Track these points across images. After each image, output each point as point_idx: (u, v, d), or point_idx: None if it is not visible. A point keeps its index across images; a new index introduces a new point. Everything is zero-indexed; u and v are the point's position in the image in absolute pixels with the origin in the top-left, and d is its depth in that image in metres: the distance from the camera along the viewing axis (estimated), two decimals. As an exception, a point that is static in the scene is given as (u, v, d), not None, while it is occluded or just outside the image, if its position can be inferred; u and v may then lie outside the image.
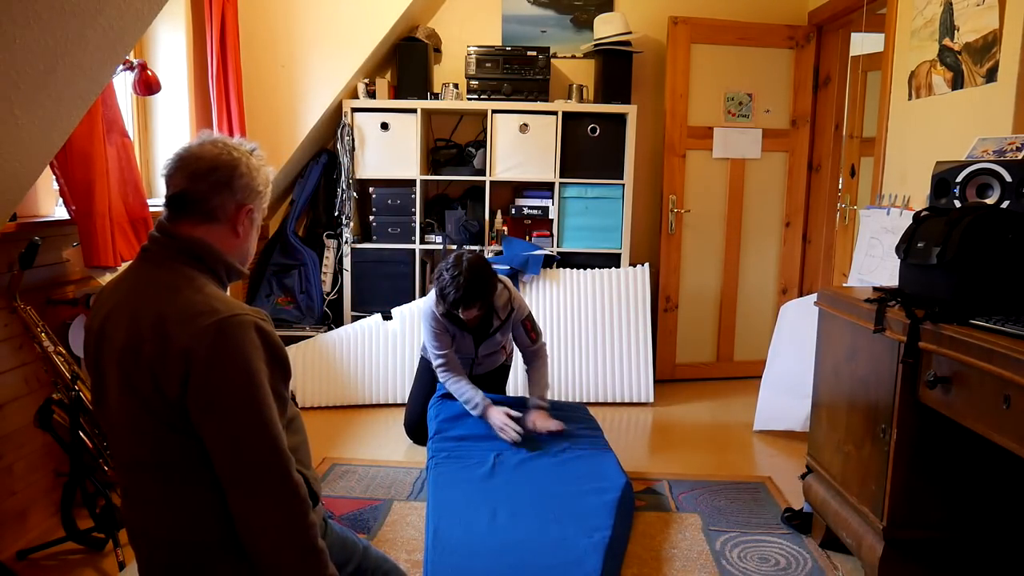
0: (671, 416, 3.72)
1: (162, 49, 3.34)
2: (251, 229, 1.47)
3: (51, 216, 2.42)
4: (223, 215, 1.40)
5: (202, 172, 1.38)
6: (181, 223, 1.37)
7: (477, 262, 2.70)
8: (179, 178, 1.39)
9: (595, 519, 2.23)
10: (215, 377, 1.23)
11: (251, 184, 1.42)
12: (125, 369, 1.28)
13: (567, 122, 3.94)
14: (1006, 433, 1.54)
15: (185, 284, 1.32)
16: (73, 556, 2.25)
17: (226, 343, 1.24)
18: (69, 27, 1.57)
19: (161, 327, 1.25)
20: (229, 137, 1.46)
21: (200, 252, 1.36)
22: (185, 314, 1.26)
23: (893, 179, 3.12)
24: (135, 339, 1.26)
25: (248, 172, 1.42)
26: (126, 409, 1.30)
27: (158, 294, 1.30)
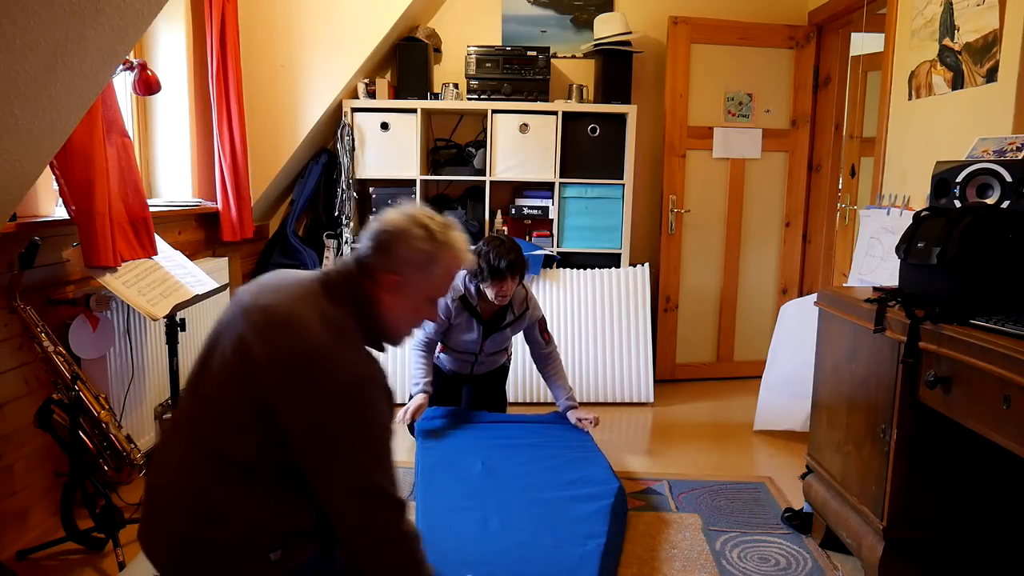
0: (671, 416, 3.72)
1: (162, 49, 3.34)
2: (399, 301, 1.46)
3: (51, 216, 2.42)
4: (376, 275, 1.44)
5: (375, 231, 1.47)
6: (362, 275, 1.46)
7: (515, 240, 2.83)
8: (366, 234, 1.49)
9: (588, 526, 2.21)
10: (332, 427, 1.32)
11: (408, 256, 1.44)
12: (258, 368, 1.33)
13: (567, 122, 3.94)
14: (1006, 433, 1.54)
15: (341, 330, 1.39)
16: (73, 556, 2.25)
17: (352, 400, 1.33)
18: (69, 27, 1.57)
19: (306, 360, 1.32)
20: (431, 211, 1.50)
21: (362, 305, 1.44)
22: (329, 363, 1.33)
23: (893, 179, 3.12)
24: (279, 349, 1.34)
25: (410, 242, 1.44)
26: (231, 399, 1.36)
27: (314, 324, 1.37)
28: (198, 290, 2.66)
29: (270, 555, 1.37)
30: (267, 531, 1.37)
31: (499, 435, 2.83)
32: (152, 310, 2.40)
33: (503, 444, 2.76)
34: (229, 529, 1.35)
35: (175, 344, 2.59)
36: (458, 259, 1.50)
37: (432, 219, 1.48)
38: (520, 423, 2.97)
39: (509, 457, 2.66)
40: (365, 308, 1.44)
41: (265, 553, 1.37)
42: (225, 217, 3.49)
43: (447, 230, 1.48)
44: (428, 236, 1.45)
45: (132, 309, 2.61)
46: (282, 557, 1.39)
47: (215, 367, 1.41)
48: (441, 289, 1.51)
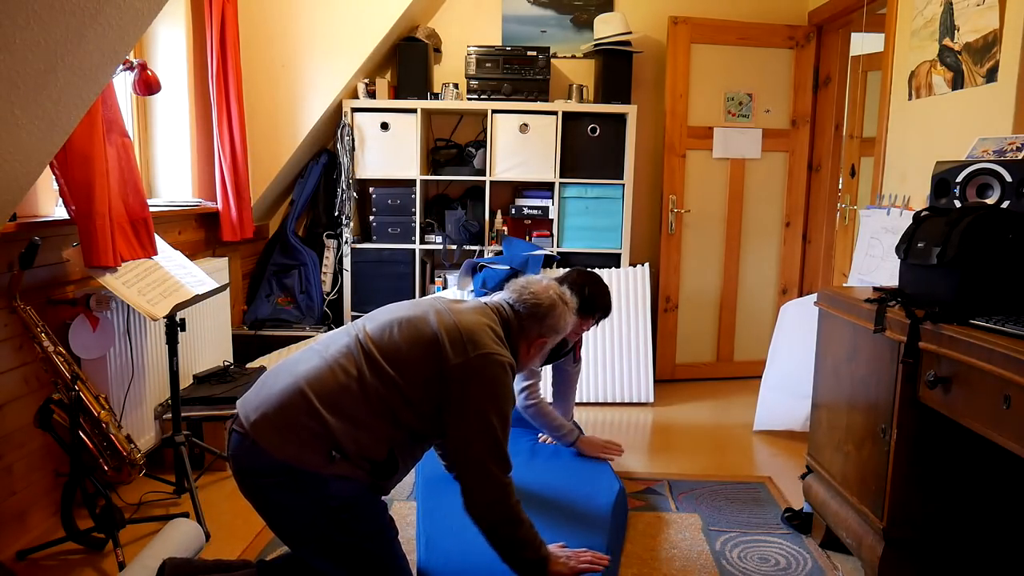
0: (671, 416, 3.72)
1: (162, 49, 3.34)
2: (537, 355, 2.06)
3: (51, 216, 2.42)
4: (529, 334, 2.00)
5: (529, 303, 1.99)
6: (513, 319, 1.99)
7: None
8: (516, 297, 2.01)
9: (589, 527, 2.22)
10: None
11: (556, 326, 2.01)
12: (436, 331, 1.83)
13: (567, 122, 3.94)
14: (1006, 433, 1.54)
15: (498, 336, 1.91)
16: (73, 556, 2.25)
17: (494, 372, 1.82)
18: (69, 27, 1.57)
19: (477, 338, 1.83)
20: (555, 285, 2.06)
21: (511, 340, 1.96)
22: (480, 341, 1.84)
23: (893, 179, 3.12)
24: (458, 327, 1.84)
25: (563, 317, 2.02)
26: (408, 344, 1.81)
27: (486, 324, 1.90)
28: (198, 290, 2.66)
29: (332, 452, 1.70)
30: (354, 440, 1.72)
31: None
32: (152, 310, 2.40)
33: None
34: (335, 411, 1.72)
35: (175, 344, 2.59)
36: (570, 319, 2.08)
37: (565, 294, 2.06)
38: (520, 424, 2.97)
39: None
40: (512, 343, 1.96)
41: (332, 450, 1.70)
42: (225, 217, 3.49)
43: (572, 301, 2.08)
44: (567, 313, 2.03)
45: (132, 309, 2.61)
46: (339, 461, 1.70)
47: (412, 327, 1.84)
48: (554, 341, 2.08)
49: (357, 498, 1.77)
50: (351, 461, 1.72)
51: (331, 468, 1.70)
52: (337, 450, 1.70)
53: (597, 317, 2.68)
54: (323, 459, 1.70)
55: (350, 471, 1.73)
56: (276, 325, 3.94)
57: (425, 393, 1.79)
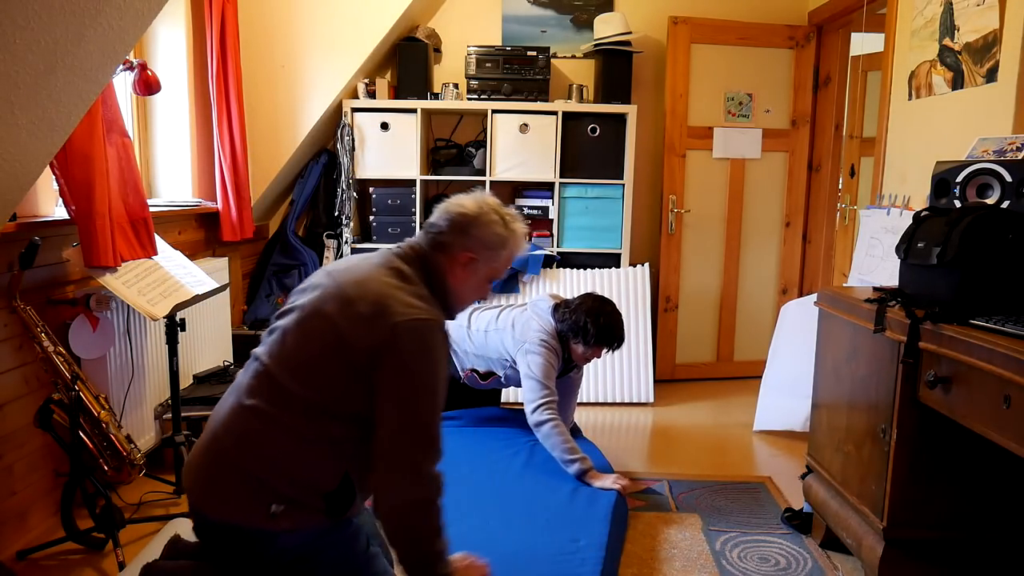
0: (671, 416, 3.72)
1: (162, 49, 3.34)
2: (473, 279, 1.69)
3: (51, 216, 2.42)
4: (452, 252, 1.66)
5: (452, 212, 1.67)
6: (428, 249, 1.66)
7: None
8: (439, 213, 1.69)
9: (589, 528, 2.22)
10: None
11: (484, 238, 1.67)
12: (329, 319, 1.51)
13: (567, 122, 3.94)
14: (1006, 433, 1.54)
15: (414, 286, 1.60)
16: (73, 556, 2.25)
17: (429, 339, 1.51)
18: (69, 27, 1.57)
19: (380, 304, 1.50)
20: (498, 202, 1.74)
21: (432, 275, 1.64)
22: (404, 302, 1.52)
23: (893, 179, 3.12)
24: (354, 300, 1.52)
25: (488, 227, 1.67)
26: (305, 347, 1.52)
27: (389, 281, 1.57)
28: (198, 290, 2.66)
29: (271, 505, 1.44)
30: (288, 479, 1.47)
31: (499, 436, 2.83)
32: (152, 310, 2.40)
33: (503, 445, 2.76)
34: (258, 463, 1.47)
35: (175, 344, 2.59)
36: (519, 246, 1.74)
37: (505, 209, 1.72)
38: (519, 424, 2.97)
39: (510, 458, 2.66)
40: (435, 278, 1.64)
41: (271, 500, 1.45)
42: (225, 217, 3.49)
43: (515, 220, 1.72)
44: (502, 223, 1.69)
45: (132, 309, 2.61)
46: (283, 513, 1.45)
47: (303, 328, 1.55)
48: (502, 271, 1.74)
49: (315, 544, 1.51)
50: (297, 506, 1.46)
51: (275, 523, 1.45)
52: (276, 501, 1.44)
53: (614, 348, 2.68)
54: (263, 515, 1.44)
55: (299, 520, 1.47)
56: (276, 325, 3.94)
57: (352, 396, 1.50)
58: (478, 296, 1.75)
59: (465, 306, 1.74)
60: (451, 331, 2.89)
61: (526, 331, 2.70)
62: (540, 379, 2.62)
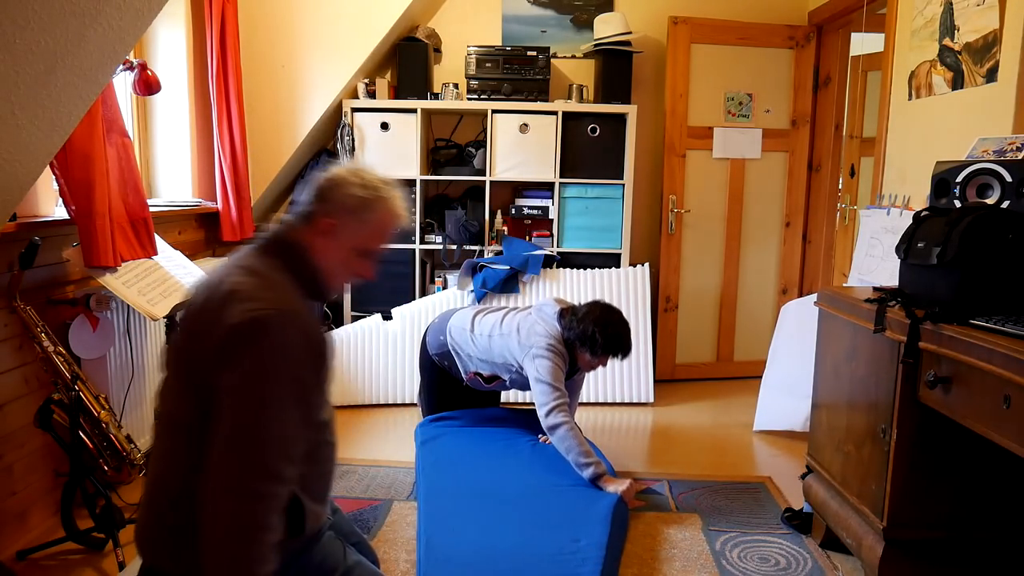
0: (671, 416, 3.72)
1: (162, 49, 3.34)
2: (331, 247, 1.48)
3: (51, 216, 2.42)
4: (312, 220, 1.48)
5: (315, 180, 1.51)
6: (300, 222, 1.50)
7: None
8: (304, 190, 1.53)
9: (590, 528, 2.22)
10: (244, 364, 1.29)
11: (343, 201, 1.47)
12: (187, 328, 1.40)
13: (567, 122, 3.94)
14: (1006, 433, 1.54)
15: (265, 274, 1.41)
16: (73, 556, 2.25)
17: (272, 338, 1.30)
18: (69, 27, 1.57)
19: (225, 300, 1.33)
20: (374, 170, 1.54)
21: (294, 254, 1.46)
22: (244, 297, 1.33)
23: (893, 179, 3.12)
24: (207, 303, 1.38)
25: (346, 189, 1.48)
26: (174, 364, 1.41)
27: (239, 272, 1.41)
28: (198, 290, 2.66)
29: None
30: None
31: (500, 436, 2.83)
32: (152, 310, 2.40)
33: (504, 445, 2.76)
34: (187, 508, 1.30)
35: (175, 344, 2.59)
36: (391, 214, 1.52)
37: (371, 174, 1.52)
38: (519, 424, 2.97)
39: (510, 458, 2.66)
40: (297, 256, 1.46)
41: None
42: (225, 217, 3.49)
43: (384, 185, 1.52)
44: (365, 187, 1.49)
45: (132, 309, 2.61)
46: None
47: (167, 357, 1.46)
48: (373, 240, 1.52)
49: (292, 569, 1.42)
50: None
51: None
52: None
53: (621, 357, 2.68)
54: None
55: None
56: (276, 325, 3.94)
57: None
58: (352, 274, 1.54)
59: (338, 285, 1.54)
60: (454, 335, 2.90)
61: (531, 335, 2.70)
62: (550, 382, 2.61)
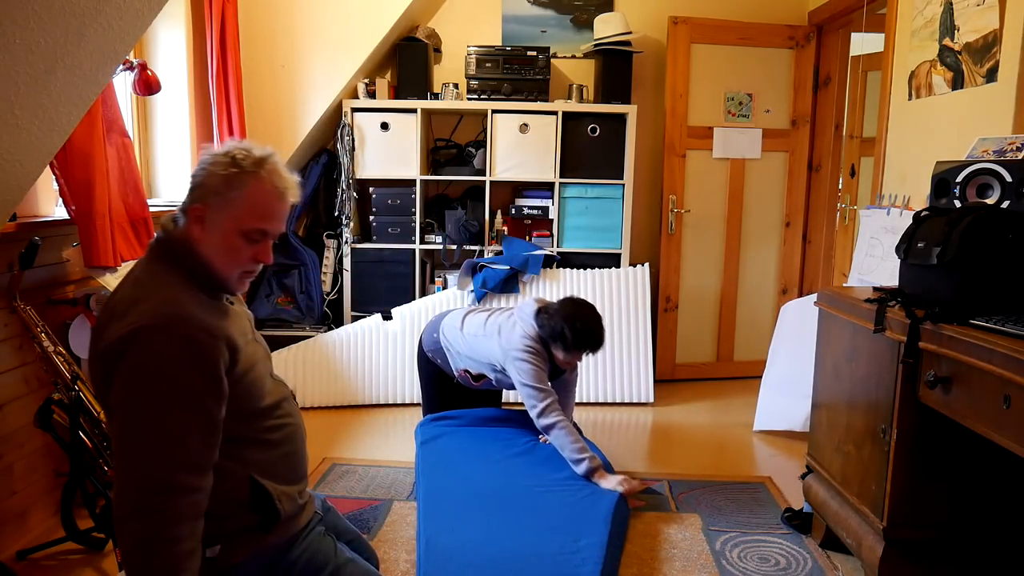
0: (671, 416, 3.72)
1: (162, 49, 3.34)
2: (207, 233, 1.38)
3: (51, 216, 2.42)
4: (187, 210, 1.40)
5: (195, 176, 1.42)
6: (177, 222, 1.43)
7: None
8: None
9: (590, 528, 2.22)
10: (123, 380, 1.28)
11: (209, 184, 1.38)
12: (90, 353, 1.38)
13: (567, 122, 3.94)
14: (1006, 433, 1.54)
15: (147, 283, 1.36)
16: (73, 556, 2.25)
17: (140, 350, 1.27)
18: (68, 27, 1.57)
19: (105, 320, 1.32)
20: (254, 145, 1.43)
21: (177, 252, 1.40)
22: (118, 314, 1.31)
23: (893, 179, 3.12)
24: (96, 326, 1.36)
25: (212, 170, 1.38)
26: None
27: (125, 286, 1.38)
28: (198, 290, 2.66)
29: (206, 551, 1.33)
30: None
31: (500, 436, 2.83)
32: (152, 310, 2.40)
33: (504, 445, 2.76)
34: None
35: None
36: (262, 188, 1.39)
37: (243, 149, 1.40)
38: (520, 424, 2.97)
39: (510, 458, 2.66)
40: (180, 252, 1.39)
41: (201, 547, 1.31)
42: (225, 217, 3.48)
43: (256, 158, 1.40)
44: (231, 163, 1.38)
45: (132, 309, 2.60)
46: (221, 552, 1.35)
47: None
48: (249, 218, 1.39)
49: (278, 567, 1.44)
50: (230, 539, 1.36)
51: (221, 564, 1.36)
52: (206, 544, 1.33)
53: (592, 352, 2.67)
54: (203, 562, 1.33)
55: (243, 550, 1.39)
56: (276, 325, 3.95)
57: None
58: (241, 260, 1.41)
59: (232, 273, 1.42)
60: (447, 333, 2.90)
61: (511, 338, 2.69)
62: (533, 384, 2.62)
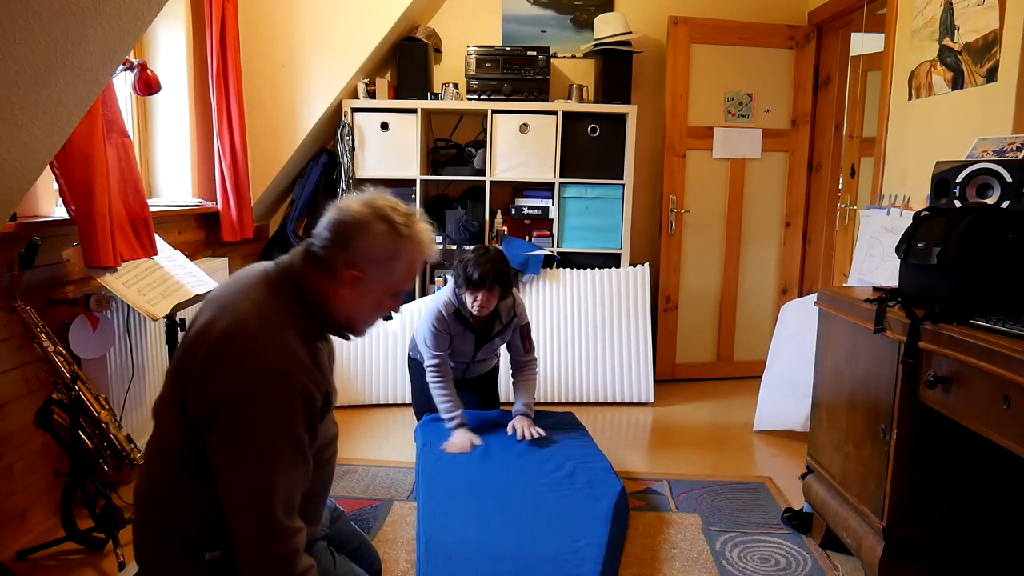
0: (671, 416, 3.72)
1: (162, 49, 3.34)
2: (368, 297, 1.40)
3: (51, 216, 2.42)
4: (334, 270, 1.37)
5: (335, 220, 1.38)
6: (314, 265, 1.39)
7: (500, 252, 2.86)
8: (325, 220, 1.41)
9: (590, 527, 2.22)
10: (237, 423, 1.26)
11: (369, 251, 1.37)
12: (186, 346, 1.33)
13: (567, 122, 3.94)
14: (1006, 433, 1.54)
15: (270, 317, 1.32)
16: (73, 556, 2.25)
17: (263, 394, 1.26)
18: (69, 27, 1.57)
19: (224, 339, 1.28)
20: (394, 200, 1.42)
21: (308, 298, 1.37)
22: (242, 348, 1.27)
23: (893, 179, 3.12)
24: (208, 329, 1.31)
25: (372, 237, 1.37)
26: (168, 389, 1.36)
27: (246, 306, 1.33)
28: (198, 290, 2.66)
29: (205, 554, 1.33)
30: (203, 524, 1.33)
31: (499, 436, 2.83)
32: (152, 310, 2.40)
33: (504, 445, 2.76)
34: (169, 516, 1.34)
35: (175, 344, 2.59)
36: (422, 253, 1.42)
37: (396, 210, 1.40)
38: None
39: (510, 458, 2.66)
40: (312, 301, 1.37)
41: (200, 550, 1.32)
42: (225, 217, 3.49)
43: (411, 223, 1.40)
44: (391, 231, 1.37)
45: (132, 309, 2.61)
46: (220, 559, 1.34)
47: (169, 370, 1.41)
48: (404, 283, 1.43)
49: None
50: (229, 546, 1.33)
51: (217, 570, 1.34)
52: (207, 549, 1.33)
53: (479, 286, 2.72)
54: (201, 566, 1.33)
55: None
56: (276, 325, 3.94)
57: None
58: (383, 312, 1.46)
59: (366, 327, 1.46)
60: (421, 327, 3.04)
61: (425, 310, 2.94)
62: (429, 346, 2.87)
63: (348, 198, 1.42)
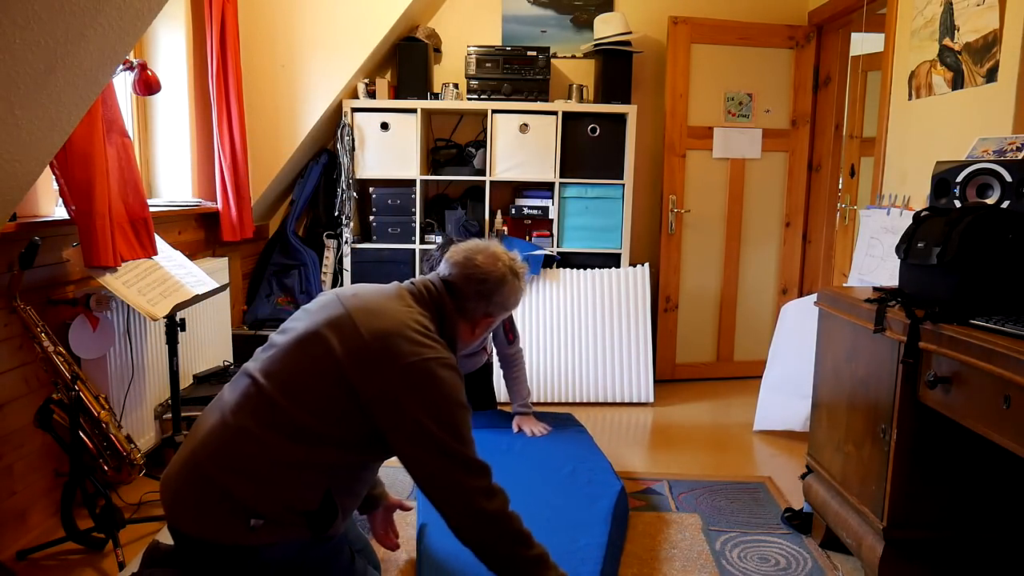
0: (671, 416, 3.72)
1: (162, 49, 3.34)
2: (483, 334, 1.81)
3: (51, 216, 2.42)
4: (472, 316, 1.74)
5: (474, 278, 1.72)
6: (447, 299, 1.71)
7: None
8: (457, 272, 1.73)
9: (589, 527, 2.21)
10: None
11: (505, 302, 1.76)
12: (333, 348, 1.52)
13: (567, 122, 3.94)
14: (1006, 433, 1.54)
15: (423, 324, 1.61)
16: (73, 556, 2.25)
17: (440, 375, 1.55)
18: (69, 27, 1.57)
19: (388, 343, 1.53)
20: (503, 251, 1.79)
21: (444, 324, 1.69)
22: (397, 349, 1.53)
23: (893, 179, 3.12)
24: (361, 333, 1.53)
25: (512, 293, 1.77)
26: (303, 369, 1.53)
27: (399, 319, 1.58)
28: (198, 290, 2.66)
29: (250, 520, 1.45)
30: (266, 495, 1.47)
31: (499, 436, 2.83)
32: (152, 310, 2.40)
33: (503, 445, 2.76)
34: (236, 480, 1.47)
35: (175, 344, 2.59)
36: (523, 288, 1.84)
37: (515, 260, 1.79)
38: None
39: (510, 458, 2.66)
40: (447, 328, 1.68)
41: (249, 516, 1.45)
42: (225, 217, 3.49)
43: (522, 268, 1.82)
44: (519, 282, 1.78)
45: (132, 309, 2.61)
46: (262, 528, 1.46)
47: (305, 351, 1.55)
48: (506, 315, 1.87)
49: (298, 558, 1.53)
50: (278, 522, 1.47)
51: (255, 537, 1.46)
52: (256, 516, 1.46)
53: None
54: (242, 532, 1.45)
55: (280, 534, 1.48)
56: (276, 325, 3.93)
57: (346, 425, 1.52)
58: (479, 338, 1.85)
59: (467, 349, 1.86)
60: None
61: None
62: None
63: (472, 251, 1.75)
